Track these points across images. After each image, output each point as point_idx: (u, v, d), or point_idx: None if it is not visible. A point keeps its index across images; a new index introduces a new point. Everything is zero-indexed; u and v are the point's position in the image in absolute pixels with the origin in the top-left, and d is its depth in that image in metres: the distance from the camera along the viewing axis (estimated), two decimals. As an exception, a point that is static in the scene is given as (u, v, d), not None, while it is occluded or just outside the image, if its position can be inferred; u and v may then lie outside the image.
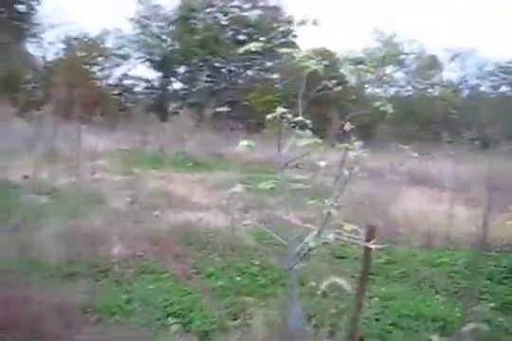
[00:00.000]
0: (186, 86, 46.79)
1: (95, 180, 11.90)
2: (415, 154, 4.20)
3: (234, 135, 24.41)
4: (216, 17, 46.09)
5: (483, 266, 7.77)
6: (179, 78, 47.01)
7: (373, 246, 3.71)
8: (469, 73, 48.62)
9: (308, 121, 4.33)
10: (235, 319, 5.06)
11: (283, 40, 46.52)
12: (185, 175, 14.97)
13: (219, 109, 4.43)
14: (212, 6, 45.57)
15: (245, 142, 4.34)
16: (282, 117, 4.11)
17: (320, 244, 3.70)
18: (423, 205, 11.69)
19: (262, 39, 46.72)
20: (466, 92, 50.49)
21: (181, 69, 46.68)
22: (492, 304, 6.35)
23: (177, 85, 47.46)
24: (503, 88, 48.87)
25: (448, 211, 11.02)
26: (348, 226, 3.71)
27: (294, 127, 4.32)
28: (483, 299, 6.52)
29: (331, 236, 3.67)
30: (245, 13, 46.16)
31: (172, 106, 44.55)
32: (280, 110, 4.02)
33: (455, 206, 11.91)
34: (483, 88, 50.19)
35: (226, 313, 5.19)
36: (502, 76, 47.91)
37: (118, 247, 6.55)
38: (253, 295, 5.76)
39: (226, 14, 45.89)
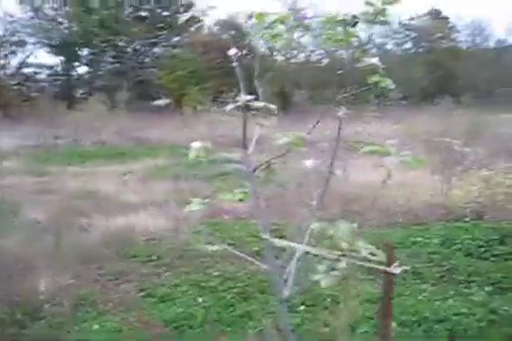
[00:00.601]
0: (91, 69, 44.23)
1: (1, 187, 10.37)
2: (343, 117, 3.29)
3: (151, 117, 23.03)
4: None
5: (457, 241, 7.08)
6: (83, 61, 44.34)
7: (397, 271, 2.75)
8: (375, 32, 48.85)
9: (273, 106, 3.11)
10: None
11: (186, 14, 44.70)
12: (108, 168, 13.51)
13: (156, 102, 3.33)
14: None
15: (196, 144, 3.09)
16: (246, 107, 2.97)
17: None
18: (371, 175, 10.88)
19: (165, 14, 44.84)
20: (373, 50, 50.78)
21: (84, 52, 44.01)
22: (487, 288, 5.61)
23: (82, 69, 44.82)
24: (407, 45, 49.62)
25: (399, 180, 10.37)
26: (360, 244, 2.72)
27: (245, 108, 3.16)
28: (473, 282, 5.79)
29: (342, 264, 2.62)
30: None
31: (79, 92, 42.13)
32: (244, 97, 2.88)
33: (403, 172, 11.28)
34: (389, 46, 50.71)
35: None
36: (406, 33, 48.43)
37: (43, 279, 5.29)
38: (223, 322, 4.69)
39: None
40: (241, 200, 3.16)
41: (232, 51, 3.27)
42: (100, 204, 9.23)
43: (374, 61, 3.03)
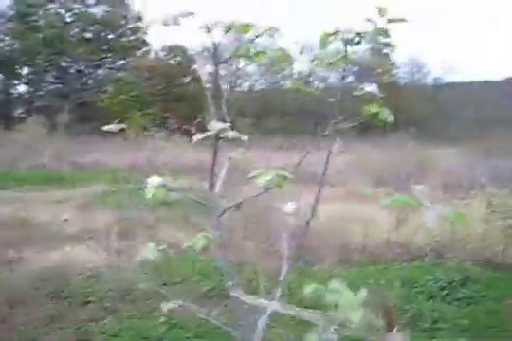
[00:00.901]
0: (31, 89, 42.85)
1: None
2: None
3: (93, 141, 22.23)
4: (59, 13, 42.55)
5: (418, 282, 6.72)
6: (23, 80, 42.93)
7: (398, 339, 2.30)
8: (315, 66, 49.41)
9: (245, 138, 2.61)
10: None
11: (133, 37, 44.12)
12: (45, 194, 12.64)
13: (106, 127, 2.84)
14: (53, 1, 41.97)
15: (155, 179, 2.57)
16: (217, 137, 2.47)
17: None
18: (323, 209, 10.53)
19: (110, 37, 44.10)
20: (316, 83, 51.50)
21: (24, 70, 42.64)
22: (455, 336, 5.23)
23: (22, 88, 43.39)
24: (349, 78, 50.53)
25: (349, 212, 10.07)
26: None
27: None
28: (440, 330, 5.40)
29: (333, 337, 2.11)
30: (90, 9, 43.19)
31: (17, 112, 40.68)
32: (217, 125, 2.39)
33: (353, 204, 10.98)
34: (331, 79, 51.55)
35: None
36: (348, 67, 49.39)
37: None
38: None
39: (69, 10, 42.52)
40: (203, 247, 2.67)
41: (204, 73, 2.82)
42: (33, 234, 8.47)
43: (373, 89, 2.60)
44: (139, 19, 43.58)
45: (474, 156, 19.21)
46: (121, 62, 44.40)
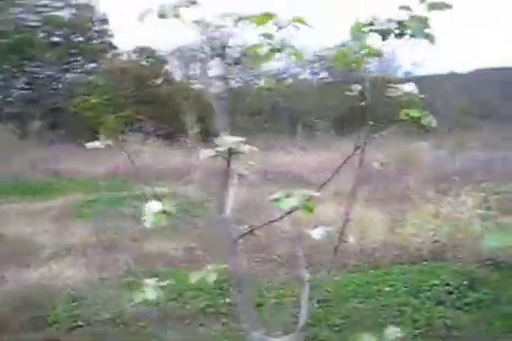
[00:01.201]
0: (0, 96, 41.80)
1: None
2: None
3: (67, 147, 21.61)
4: (25, 18, 41.55)
5: (424, 288, 6.40)
6: (-10, 87, 41.87)
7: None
8: (291, 62, 49.26)
9: (255, 149, 2.20)
10: None
11: (100, 40, 43.28)
12: (19, 206, 12.04)
13: (90, 145, 2.49)
14: (17, 5, 40.94)
15: (154, 205, 2.11)
16: (230, 152, 2.05)
17: None
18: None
19: (79, 40, 43.18)
20: (289, 80, 51.25)
21: (-9, 77, 41.57)
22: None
23: (-11, 95, 42.29)
24: (322, 74, 50.41)
25: (341, 213, 9.73)
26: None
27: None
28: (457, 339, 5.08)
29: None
30: (57, 13, 42.19)
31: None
32: (229, 139, 1.98)
33: (340, 206, 10.65)
34: (305, 76, 51.28)
35: None
36: (322, 63, 49.24)
37: None
38: None
39: (36, 14, 41.55)
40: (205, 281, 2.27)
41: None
42: (7, 250, 7.94)
43: (411, 88, 2.23)
44: (105, 21, 42.84)
45: (449, 150, 19.04)
46: (92, 65, 43.51)
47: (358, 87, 2.27)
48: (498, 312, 5.63)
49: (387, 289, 6.26)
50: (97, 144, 2.68)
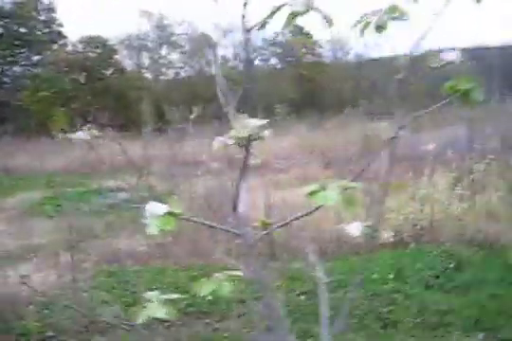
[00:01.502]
0: None
1: None
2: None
3: (17, 142, 20.78)
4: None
5: (410, 272, 6.20)
6: None
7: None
8: (240, 48, 48.96)
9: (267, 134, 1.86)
10: None
11: (48, 30, 41.79)
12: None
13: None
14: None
15: (157, 207, 1.74)
16: (249, 138, 1.68)
17: None
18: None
19: (23, 31, 41.60)
20: (240, 67, 51.03)
21: None
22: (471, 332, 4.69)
23: None
24: (273, 60, 50.32)
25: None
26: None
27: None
28: (451, 326, 4.86)
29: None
30: (-4, 3, 40.56)
31: None
32: (254, 122, 1.62)
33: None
34: (256, 62, 51.10)
35: None
36: (271, 49, 49.03)
37: None
38: None
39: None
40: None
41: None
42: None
43: (456, 57, 1.89)
44: (52, 10, 41.43)
45: (411, 129, 18.96)
46: (37, 57, 42.04)
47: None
48: (487, 293, 5.44)
49: (374, 276, 6.02)
50: (81, 135, 2.53)
